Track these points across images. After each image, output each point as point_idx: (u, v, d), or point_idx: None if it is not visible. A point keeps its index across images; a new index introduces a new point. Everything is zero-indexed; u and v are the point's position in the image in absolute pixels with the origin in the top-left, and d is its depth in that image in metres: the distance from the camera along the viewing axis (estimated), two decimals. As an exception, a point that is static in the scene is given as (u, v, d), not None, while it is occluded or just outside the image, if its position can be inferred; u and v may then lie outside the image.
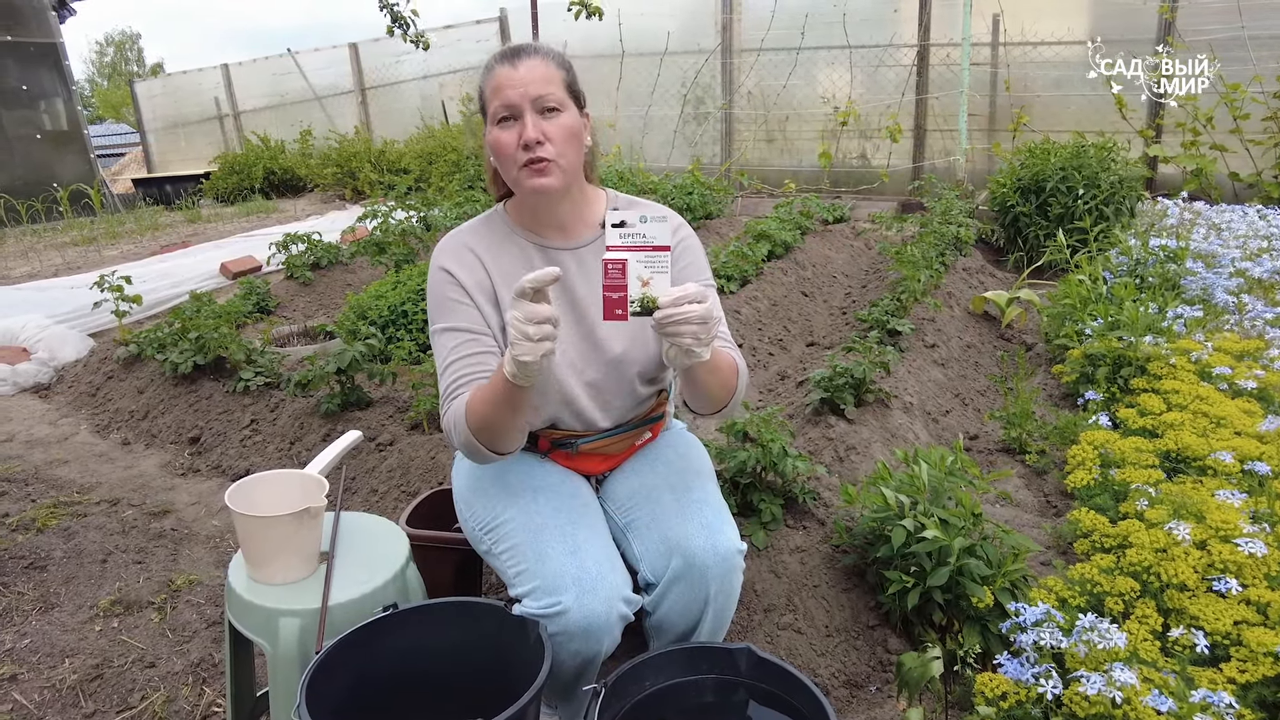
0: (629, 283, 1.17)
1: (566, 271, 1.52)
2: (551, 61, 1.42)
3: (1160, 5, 6.53)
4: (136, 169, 15.15)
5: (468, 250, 1.52)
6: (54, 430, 3.64)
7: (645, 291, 1.16)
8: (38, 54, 10.77)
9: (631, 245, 1.16)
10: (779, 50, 8.25)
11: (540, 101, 1.38)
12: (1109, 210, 5.15)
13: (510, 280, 1.50)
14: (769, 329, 4.25)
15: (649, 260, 1.15)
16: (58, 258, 7.47)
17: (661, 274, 1.16)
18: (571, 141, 1.42)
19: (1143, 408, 2.66)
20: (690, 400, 1.47)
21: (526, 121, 1.38)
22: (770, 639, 1.92)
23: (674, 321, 1.17)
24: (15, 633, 2.06)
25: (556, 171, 1.41)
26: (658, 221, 1.17)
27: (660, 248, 1.16)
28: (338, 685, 1.25)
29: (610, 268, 1.15)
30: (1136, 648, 1.58)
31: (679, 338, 1.19)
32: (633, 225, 1.16)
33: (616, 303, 1.16)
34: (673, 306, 1.17)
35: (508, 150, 1.40)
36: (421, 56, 10.82)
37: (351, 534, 1.58)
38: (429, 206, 6.24)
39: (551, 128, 1.39)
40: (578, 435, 1.58)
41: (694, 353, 1.21)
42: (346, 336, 3.42)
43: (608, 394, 1.55)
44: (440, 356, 1.48)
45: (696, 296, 1.19)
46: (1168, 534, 1.84)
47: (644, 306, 1.17)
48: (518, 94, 1.38)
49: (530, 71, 1.39)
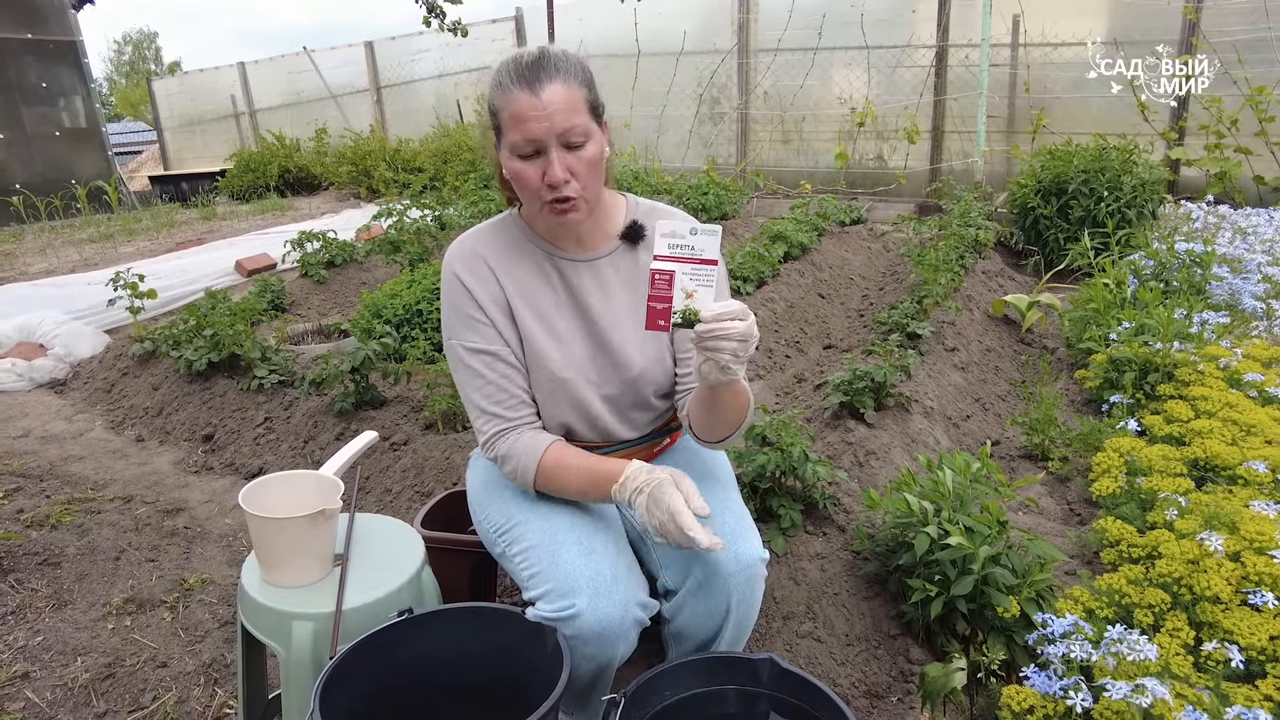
0: (675, 296, 1.17)
1: (581, 284, 1.48)
2: (575, 81, 1.31)
3: (1184, 6, 6.44)
4: (153, 166, 15.25)
5: (480, 259, 1.46)
6: (69, 426, 3.65)
7: (689, 304, 1.16)
8: (57, 52, 10.85)
9: (679, 257, 1.16)
10: (795, 50, 8.20)
11: (566, 136, 1.29)
12: (1131, 214, 5.08)
13: (524, 291, 1.46)
14: (786, 331, 4.21)
15: (695, 273, 1.16)
16: (75, 254, 7.52)
17: (706, 287, 1.16)
18: (595, 170, 1.35)
19: (1170, 414, 2.60)
20: (699, 423, 1.40)
21: (552, 159, 1.29)
22: (790, 647, 1.89)
23: (716, 336, 1.16)
24: (28, 630, 2.05)
25: (582, 206, 1.36)
26: (708, 234, 1.16)
27: (708, 261, 1.16)
28: (352, 691, 1.23)
29: (658, 278, 1.15)
30: (1169, 662, 1.53)
31: (718, 353, 1.17)
32: (682, 236, 1.15)
33: (660, 313, 1.16)
34: (716, 321, 1.16)
35: (530, 186, 1.33)
36: (436, 56, 10.86)
37: (366, 536, 1.56)
38: (443, 205, 6.23)
39: (578, 163, 1.31)
40: (596, 446, 1.55)
41: (730, 369, 1.19)
42: (361, 335, 3.41)
43: (625, 406, 1.52)
44: (463, 379, 1.46)
45: (739, 314, 1.17)
46: (1199, 545, 1.79)
47: (686, 319, 1.16)
48: (542, 129, 1.27)
49: (553, 99, 1.27)
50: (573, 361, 1.46)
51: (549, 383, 1.45)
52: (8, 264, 7.15)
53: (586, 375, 1.47)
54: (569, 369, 1.45)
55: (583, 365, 1.47)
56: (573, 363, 1.46)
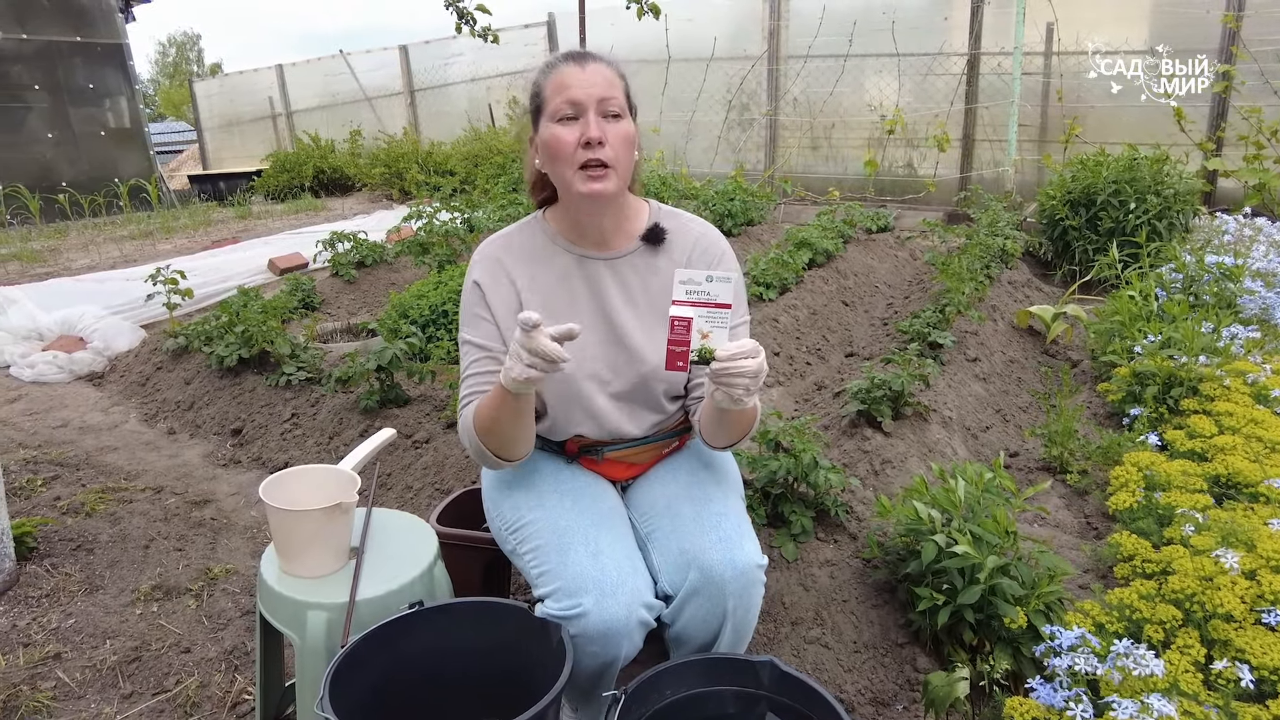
0: (691, 337, 1.28)
1: (601, 282, 1.53)
2: (615, 70, 1.45)
3: (1224, 14, 6.33)
4: (193, 165, 15.59)
5: (500, 265, 1.55)
6: (105, 418, 3.76)
7: (704, 344, 1.27)
8: (104, 54, 11.15)
9: (696, 301, 1.27)
10: (826, 57, 8.18)
11: (605, 105, 1.41)
12: (1162, 225, 5.00)
13: (540, 292, 1.53)
14: (807, 338, 4.22)
15: (710, 316, 1.27)
16: (116, 251, 7.72)
17: (720, 328, 1.27)
18: (628, 149, 1.45)
19: (1192, 429, 2.57)
20: (708, 431, 1.49)
21: (590, 120, 1.39)
22: (797, 652, 1.90)
23: (729, 374, 1.25)
24: (61, 612, 2.13)
25: (613, 177, 1.42)
26: (722, 281, 1.26)
27: (722, 305, 1.27)
28: (362, 679, 1.27)
29: (677, 324, 1.26)
30: (1177, 679, 1.52)
31: (732, 388, 1.26)
32: (699, 283, 1.27)
33: (679, 355, 1.27)
34: (730, 360, 1.25)
35: (566, 149, 1.41)
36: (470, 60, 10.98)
37: (382, 530, 1.61)
38: (473, 208, 6.30)
39: (613, 132, 1.41)
40: (604, 443, 1.58)
41: (741, 401, 1.28)
42: (387, 335, 3.48)
43: (636, 404, 1.55)
44: (461, 368, 1.56)
45: (751, 352, 1.26)
46: (1214, 562, 1.78)
47: (701, 357, 1.27)
48: (584, 93, 1.39)
49: (597, 74, 1.41)
50: (583, 359, 1.50)
51: (557, 379, 1.49)
52: (52, 259, 7.37)
53: (596, 373, 1.51)
54: (576, 367, 1.49)
55: (594, 362, 1.51)
56: (583, 360, 1.50)
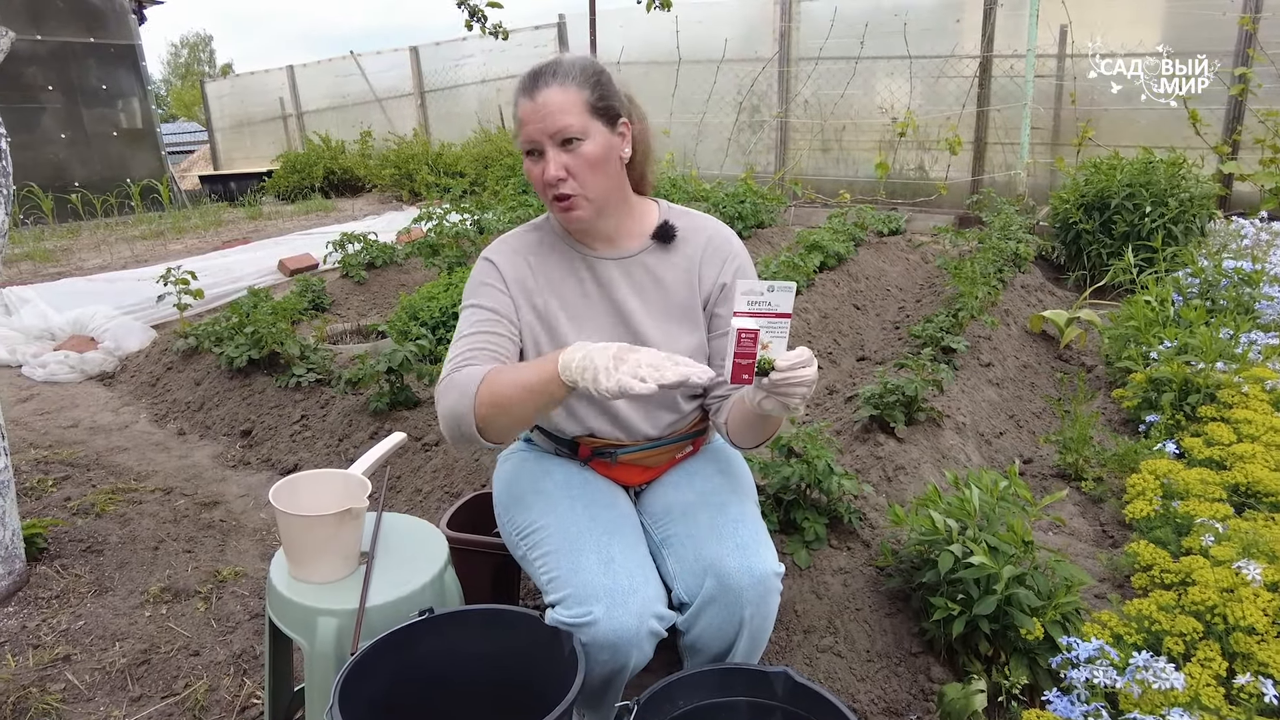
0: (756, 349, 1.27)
1: (612, 280, 1.52)
2: (571, 84, 1.37)
3: (1241, 16, 6.28)
4: (204, 166, 15.66)
5: (516, 253, 1.54)
6: (115, 418, 3.77)
7: (764, 354, 1.25)
8: (117, 55, 11.21)
9: (759, 312, 1.24)
10: (837, 59, 8.16)
11: (559, 135, 1.36)
12: (1178, 229, 4.96)
13: (555, 287, 1.52)
14: (819, 341, 4.19)
15: (771, 326, 1.25)
16: (127, 251, 7.76)
17: (780, 338, 1.25)
18: (597, 169, 1.40)
19: (1210, 437, 2.54)
20: (738, 431, 1.44)
21: (548, 158, 1.38)
22: (809, 661, 1.88)
23: (790, 384, 1.23)
24: (71, 614, 2.12)
25: (584, 204, 1.42)
26: (783, 291, 1.23)
27: (783, 315, 1.25)
28: (372, 687, 1.26)
29: (743, 336, 1.23)
30: (1199, 692, 1.50)
31: (789, 398, 1.24)
32: (760, 294, 1.24)
33: (745, 368, 1.25)
34: (790, 370, 1.23)
35: (536, 184, 1.43)
36: (480, 61, 10.99)
37: (392, 535, 1.59)
38: (483, 210, 6.31)
39: (573, 160, 1.38)
40: (618, 445, 1.57)
41: (797, 409, 1.27)
42: (398, 336, 3.47)
43: (651, 404, 1.54)
44: (459, 329, 1.47)
45: (807, 360, 1.24)
46: (1235, 573, 1.75)
47: (762, 368, 1.25)
48: (536, 129, 1.37)
49: (547, 102, 1.36)
50: None
51: None
52: (65, 259, 7.41)
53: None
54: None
55: None
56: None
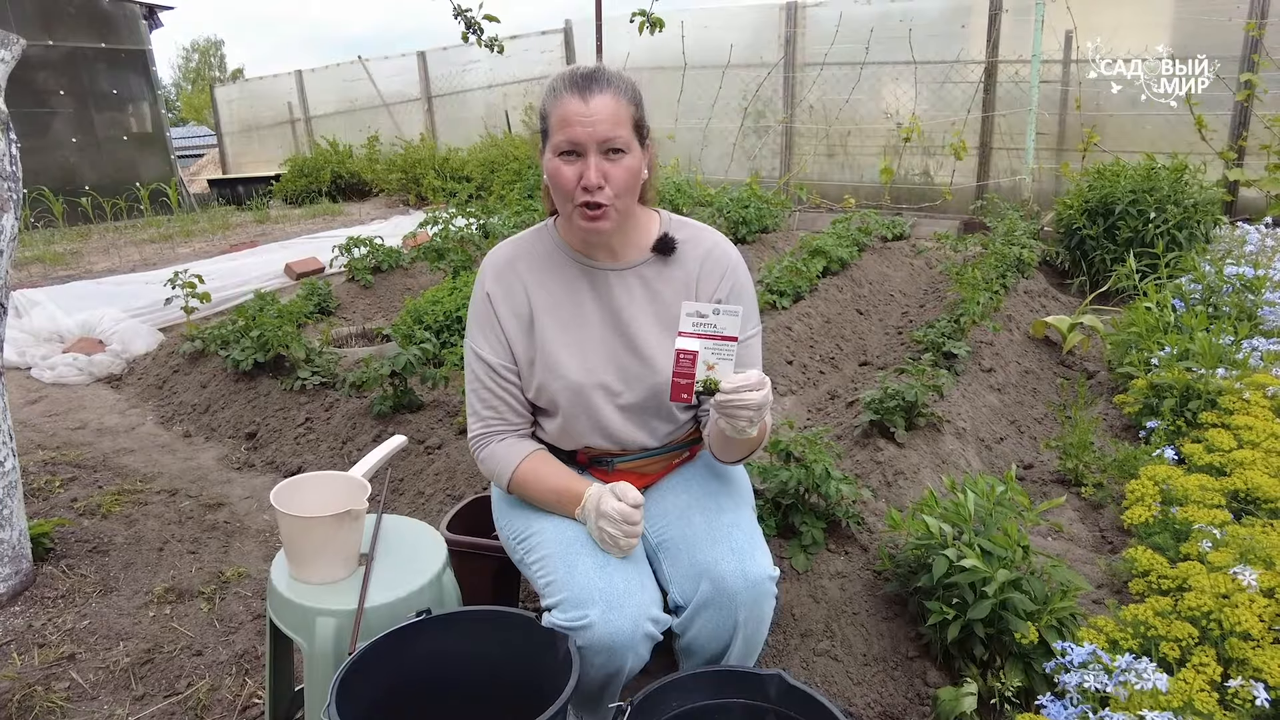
0: (697, 369, 1.29)
1: (611, 292, 1.53)
2: (623, 97, 1.38)
3: (1247, 22, 6.27)
4: (212, 170, 15.77)
5: (513, 270, 1.54)
6: (122, 420, 3.80)
7: (710, 375, 1.28)
8: (128, 60, 11.32)
9: (702, 334, 1.28)
10: (843, 65, 8.17)
11: (607, 144, 1.35)
12: (1182, 235, 4.95)
13: (551, 301, 1.52)
14: (821, 347, 4.20)
15: (716, 348, 1.28)
16: (136, 254, 7.82)
17: (726, 360, 1.28)
18: (631, 184, 1.41)
19: (1210, 443, 2.53)
20: (716, 448, 1.52)
21: (590, 163, 1.36)
22: (806, 665, 1.89)
23: (734, 406, 1.27)
24: (76, 614, 2.15)
25: (612, 216, 1.40)
26: (729, 314, 1.27)
27: (728, 338, 1.28)
28: (369, 687, 1.27)
29: (682, 357, 1.27)
30: (1192, 697, 1.50)
31: (735, 419, 1.29)
32: (705, 315, 1.27)
33: (684, 387, 1.29)
34: (735, 393, 1.27)
35: (566, 186, 1.38)
36: (487, 67, 11.04)
37: (392, 537, 1.61)
38: (489, 214, 6.34)
39: (615, 171, 1.37)
40: (615, 454, 1.58)
41: (745, 431, 1.31)
42: (402, 340, 3.49)
43: (648, 415, 1.55)
44: (468, 379, 1.58)
45: (756, 385, 1.27)
46: (1232, 579, 1.75)
47: (707, 388, 1.28)
48: (585, 132, 1.34)
49: (601, 108, 1.34)
50: (592, 369, 1.50)
51: (565, 390, 1.50)
52: (74, 262, 7.47)
53: (606, 384, 1.51)
54: (585, 376, 1.49)
55: (604, 373, 1.51)
56: (592, 370, 1.50)
